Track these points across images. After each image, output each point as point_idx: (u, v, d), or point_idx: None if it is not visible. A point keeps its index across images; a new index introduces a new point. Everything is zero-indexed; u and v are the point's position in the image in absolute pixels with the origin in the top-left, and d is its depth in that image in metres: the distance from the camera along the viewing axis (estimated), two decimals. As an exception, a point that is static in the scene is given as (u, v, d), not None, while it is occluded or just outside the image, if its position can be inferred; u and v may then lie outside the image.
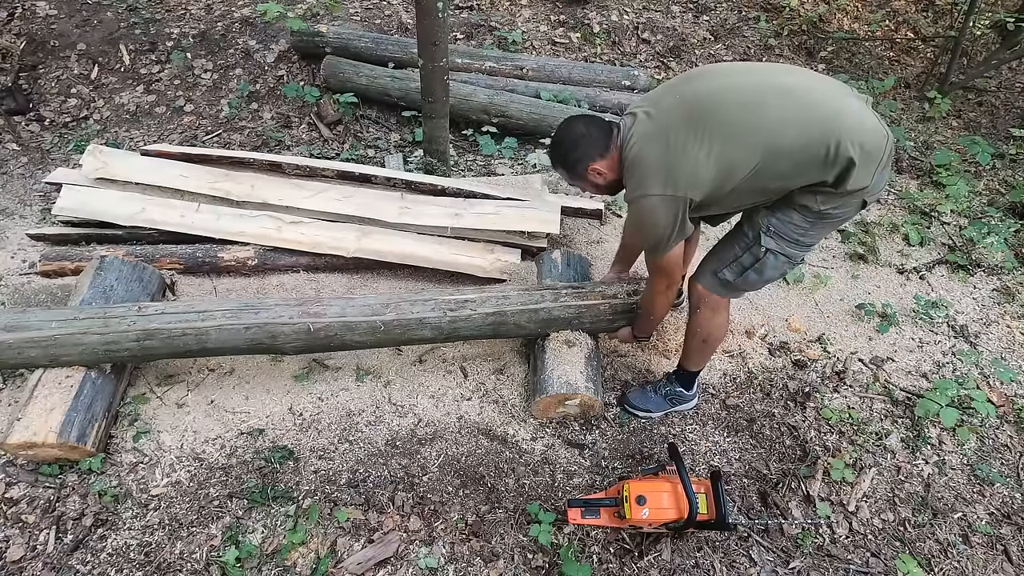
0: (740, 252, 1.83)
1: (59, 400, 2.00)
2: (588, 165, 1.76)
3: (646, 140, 1.65)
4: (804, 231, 1.73)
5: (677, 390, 2.24)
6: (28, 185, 3.12)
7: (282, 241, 2.65)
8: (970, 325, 2.72)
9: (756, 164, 1.59)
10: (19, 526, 1.94)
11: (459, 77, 3.51)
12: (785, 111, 1.57)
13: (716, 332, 2.03)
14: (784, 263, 1.81)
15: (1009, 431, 2.35)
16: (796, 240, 1.75)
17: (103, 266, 2.37)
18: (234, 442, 2.18)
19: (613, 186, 1.83)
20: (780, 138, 1.57)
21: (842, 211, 1.69)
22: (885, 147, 1.60)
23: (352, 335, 2.14)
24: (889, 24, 4.65)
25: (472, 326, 2.19)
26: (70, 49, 3.69)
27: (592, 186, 1.83)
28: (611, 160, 1.75)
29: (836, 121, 1.56)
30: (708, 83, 1.67)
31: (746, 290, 1.97)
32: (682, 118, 1.62)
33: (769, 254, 1.78)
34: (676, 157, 1.61)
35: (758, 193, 1.68)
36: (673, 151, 1.61)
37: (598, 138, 1.74)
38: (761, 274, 1.84)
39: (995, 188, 3.42)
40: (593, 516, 1.91)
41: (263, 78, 3.69)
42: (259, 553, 1.91)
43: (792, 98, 1.59)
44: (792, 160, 1.58)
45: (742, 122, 1.59)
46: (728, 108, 1.60)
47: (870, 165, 1.58)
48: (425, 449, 2.18)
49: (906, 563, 1.95)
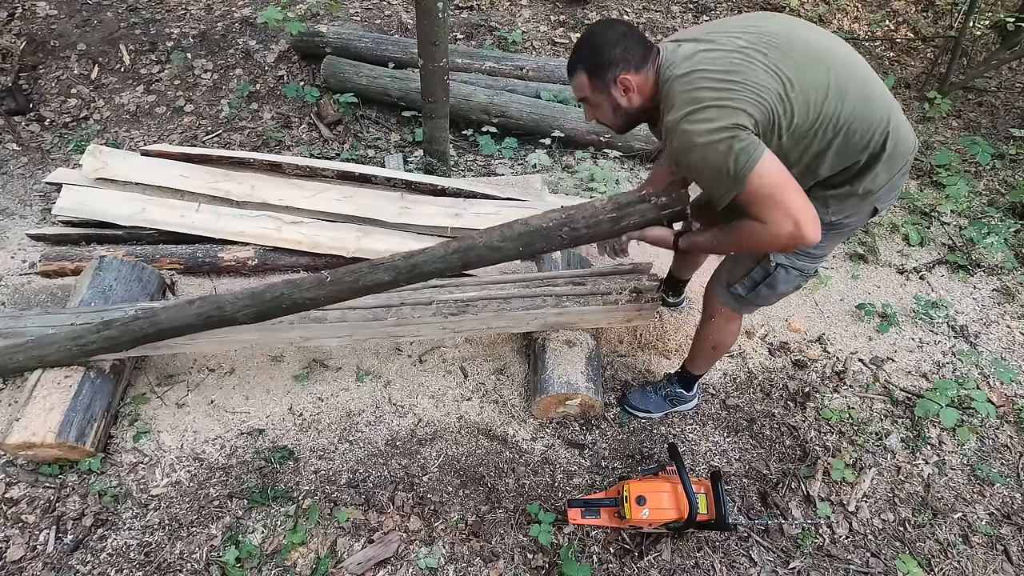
0: (751, 265, 1.74)
1: (58, 400, 2.00)
2: (620, 73, 1.47)
3: (700, 57, 1.40)
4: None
5: (677, 391, 2.24)
6: (28, 185, 3.12)
7: (282, 241, 2.65)
8: (970, 325, 2.71)
9: (810, 128, 1.42)
10: (19, 526, 1.94)
11: (459, 77, 3.51)
12: (851, 83, 1.43)
13: (727, 340, 2.02)
14: (797, 276, 1.73)
15: (1009, 431, 2.35)
16: (807, 252, 1.66)
17: (102, 266, 2.38)
18: (234, 442, 2.18)
19: (633, 116, 1.57)
20: (843, 107, 1.41)
21: (853, 219, 1.61)
22: (911, 152, 1.55)
23: (300, 292, 1.90)
24: (889, 24, 4.65)
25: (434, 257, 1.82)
26: (70, 49, 3.69)
27: (611, 105, 1.54)
28: (644, 79, 1.48)
29: (887, 112, 1.47)
30: (774, 24, 1.46)
31: (760, 305, 1.89)
32: (747, 46, 1.39)
33: (780, 269, 1.70)
34: (736, 69, 1.36)
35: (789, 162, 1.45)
36: (738, 67, 1.36)
37: (639, 47, 1.47)
38: (774, 288, 1.76)
39: (995, 188, 3.42)
40: (593, 516, 1.91)
41: (263, 78, 3.69)
42: (259, 553, 1.91)
43: (857, 73, 1.46)
44: (841, 137, 1.44)
45: (814, 77, 1.39)
46: (799, 56, 1.40)
47: (894, 165, 1.52)
48: (425, 449, 2.18)
49: (906, 563, 1.95)
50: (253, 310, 1.95)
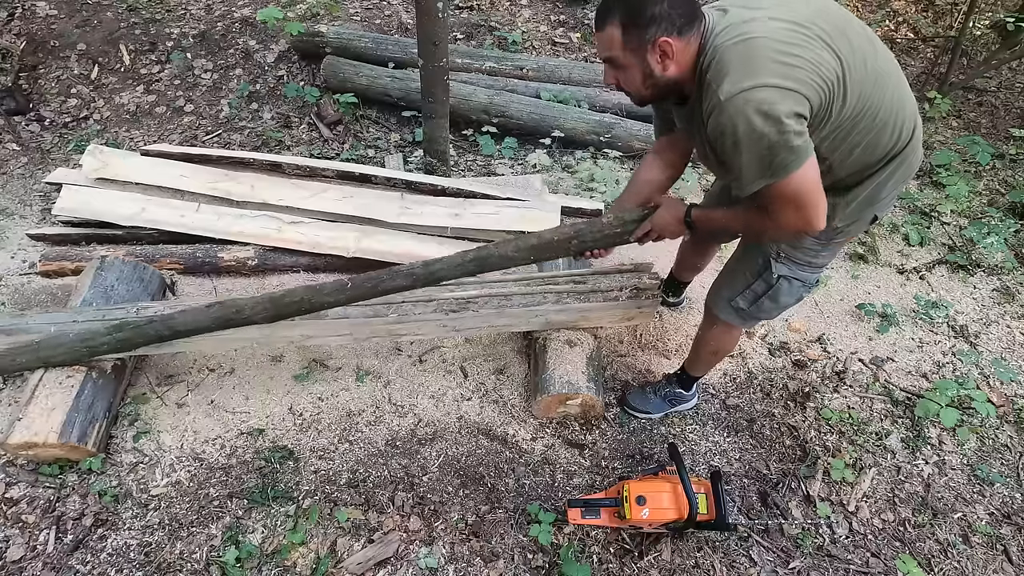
0: (752, 279, 1.71)
1: (60, 400, 2.00)
2: (661, 35, 1.28)
3: (757, 26, 1.25)
4: (816, 253, 1.62)
5: (676, 391, 2.24)
6: (28, 185, 3.12)
7: (282, 241, 2.65)
8: (970, 325, 2.71)
9: (856, 114, 1.34)
10: (19, 526, 1.94)
11: (459, 77, 3.51)
12: (891, 68, 1.39)
13: (728, 346, 2.03)
14: (799, 288, 1.70)
15: (1009, 431, 2.35)
16: (808, 263, 1.64)
17: (103, 266, 2.37)
18: (234, 442, 2.18)
19: (661, 88, 1.39)
20: (880, 100, 1.35)
21: (854, 227, 1.58)
22: (920, 160, 1.53)
23: (320, 296, 1.95)
24: (889, 24, 4.65)
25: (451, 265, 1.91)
26: (70, 49, 3.69)
27: (642, 71, 1.35)
28: (685, 46, 1.30)
29: (912, 114, 1.46)
30: (829, 2, 1.37)
31: (762, 318, 1.85)
32: (804, 19, 1.27)
33: (782, 280, 1.66)
34: (799, 43, 1.24)
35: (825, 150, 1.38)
36: (800, 41, 1.24)
37: (686, 6, 1.29)
38: (776, 301, 1.73)
39: (995, 188, 3.42)
40: (593, 516, 1.91)
41: (263, 78, 3.69)
42: (259, 553, 1.91)
43: (894, 69, 1.42)
44: (875, 130, 1.38)
45: (871, 62, 1.33)
46: (854, 36, 1.32)
47: (906, 173, 1.49)
48: (425, 449, 2.18)
49: (906, 563, 1.95)
50: (271, 313, 1.99)
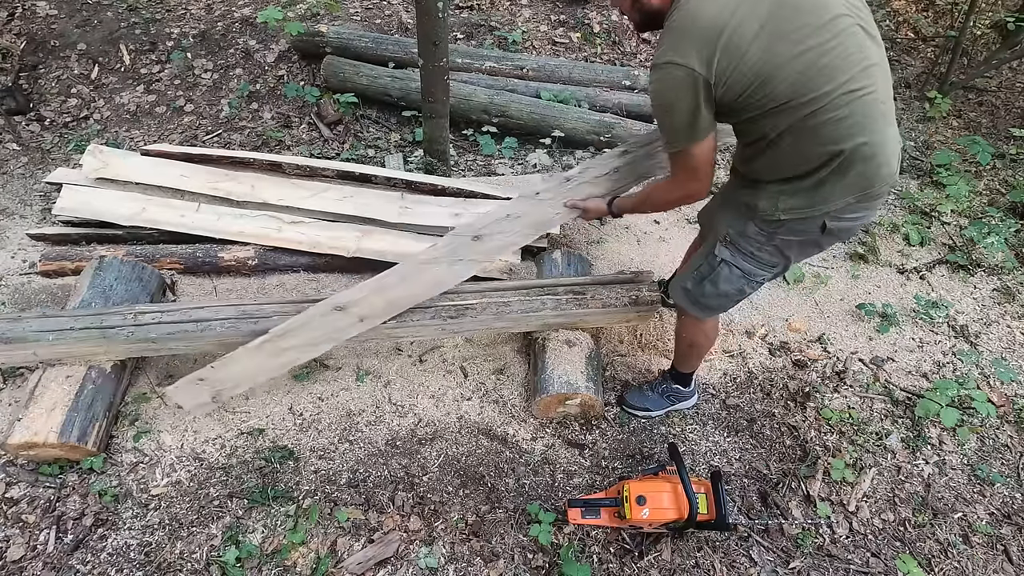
0: (700, 261, 1.80)
1: (60, 400, 2.00)
2: None
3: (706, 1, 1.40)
4: (759, 245, 1.65)
5: (674, 387, 2.24)
6: (28, 185, 3.12)
7: (282, 241, 2.65)
8: (970, 325, 2.71)
9: (784, 102, 1.40)
10: (19, 526, 1.94)
11: (459, 77, 3.51)
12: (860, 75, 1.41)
13: (701, 340, 2.03)
14: (740, 278, 1.73)
15: (1009, 431, 2.35)
16: (751, 254, 1.67)
17: (102, 266, 2.38)
18: (234, 442, 2.18)
19: (647, 15, 1.57)
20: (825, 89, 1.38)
21: (800, 227, 1.58)
22: (886, 187, 1.51)
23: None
24: (889, 24, 4.65)
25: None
26: (70, 49, 3.69)
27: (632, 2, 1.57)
28: None
29: (882, 130, 1.45)
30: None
31: (706, 304, 1.86)
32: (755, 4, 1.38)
33: (723, 265, 1.72)
34: (730, 33, 1.36)
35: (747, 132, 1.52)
36: (731, 25, 1.36)
37: None
38: (716, 286, 1.77)
39: (995, 188, 3.42)
40: (593, 516, 1.91)
41: (263, 78, 3.69)
42: (259, 553, 1.91)
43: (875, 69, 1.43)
44: (811, 126, 1.42)
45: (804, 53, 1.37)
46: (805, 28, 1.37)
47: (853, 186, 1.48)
48: (425, 449, 2.18)
49: (906, 563, 1.95)
50: None
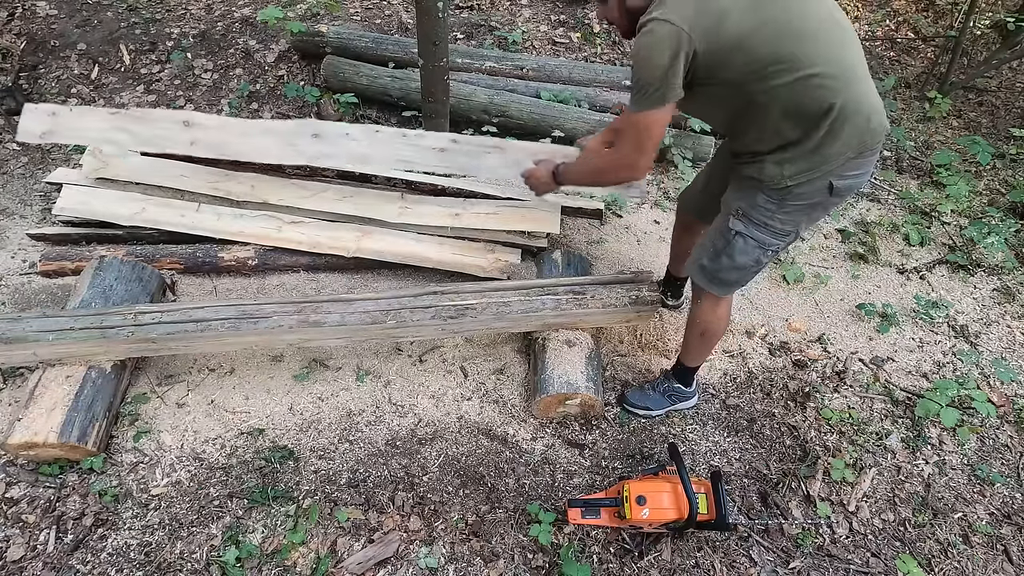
0: (714, 236, 1.82)
1: (60, 400, 2.00)
2: None
3: None
4: (771, 213, 1.67)
5: (675, 386, 2.24)
6: (28, 185, 3.12)
7: (282, 241, 2.65)
8: (970, 325, 2.71)
9: (768, 64, 1.46)
10: (19, 526, 1.94)
11: (459, 77, 3.51)
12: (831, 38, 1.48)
13: (714, 326, 2.01)
14: (755, 248, 1.74)
15: (1009, 431, 2.35)
16: (763, 223, 1.69)
17: (102, 266, 2.38)
18: (234, 442, 2.18)
19: (635, 14, 1.60)
20: (807, 54, 1.45)
21: (807, 190, 1.61)
22: (880, 136, 1.57)
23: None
24: (889, 24, 4.65)
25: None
26: (70, 49, 3.69)
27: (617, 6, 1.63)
28: None
29: (860, 80, 1.51)
30: None
31: (724, 279, 1.86)
32: None
33: (738, 237, 1.74)
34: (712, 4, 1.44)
35: (736, 108, 1.56)
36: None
37: None
38: (732, 259, 1.78)
39: (995, 188, 3.42)
40: (593, 516, 1.91)
41: (263, 78, 3.69)
42: (259, 553, 1.91)
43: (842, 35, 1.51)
44: (796, 84, 1.47)
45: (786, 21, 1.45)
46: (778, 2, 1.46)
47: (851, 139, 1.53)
48: (425, 449, 2.18)
49: (906, 563, 1.95)
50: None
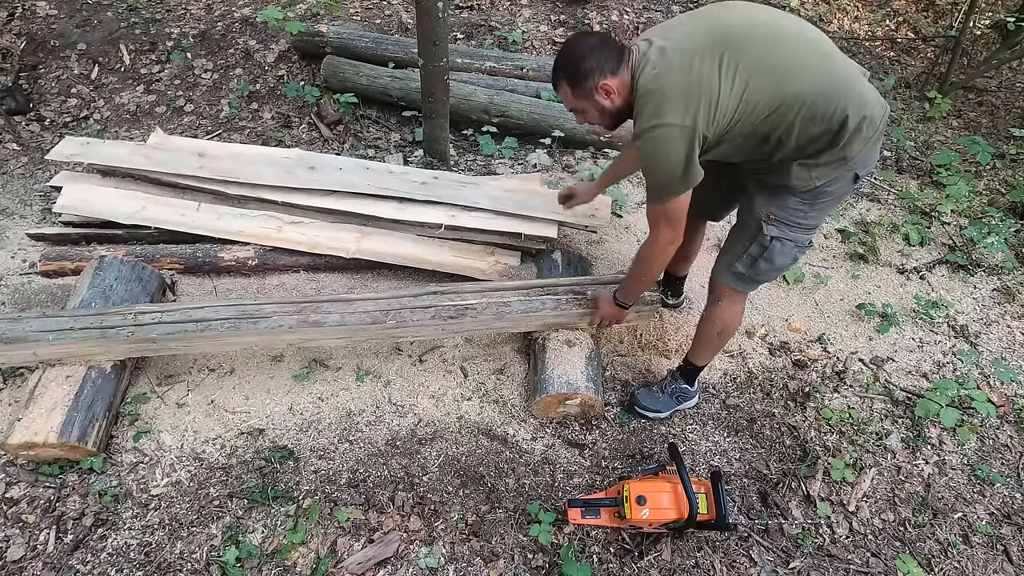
0: (748, 243, 1.82)
1: (60, 400, 2.00)
2: (599, 80, 1.59)
3: (666, 65, 1.52)
4: (804, 213, 1.72)
5: (682, 387, 2.25)
6: (28, 185, 3.12)
7: (282, 241, 2.65)
8: (970, 325, 2.71)
9: (774, 107, 1.54)
10: (19, 526, 1.94)
11: (459, 77, 3.51)
12: (809, 61, 1.55)
13: (731, 323, 2.05)
14: (793, 248, 1.80)
15: (1009, 431, 2.35)
16: (798, 223, 1.74)
17: (102, 266, 2.38)
18: (234, 442, 2.18)
19: (618, 115, 1.68)
20: (800, 86, 1.52)
21: (836, 186, 1.67)
22: (882, 119, 1.61)
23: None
24: (889, 24, 4.65)
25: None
26: (70, 49, 3.69)
27: (597, 109, 1.67)
28: (622, 81, 1.60)
29: (850, 86, 1.55)
30: (734, 17, 1.60)
31: (762, 280, 1.95)
32: (706, 45, 1.52)
33: (775, 242, 1.77)
34: (699, 85, 1.50)
35: (758, 143, 1.61)
36: (696, 78, 1.50)
37: (611, 54, 1.59)
38: (772, 263, 1.82)
39: (995, 188, 3.42)
40: (593, 516, 1.91)
41: (263, 78, 3.70)
42: (259, 553, 1.91)
43: (817, 50, 1.57)
44: (805, 111, 1.54)
45: (771, 60, 1.52)
46: (757, 43, 1.53)
47: (868, 134, 1.58)
48: (425, 449, 2.18)
49: (906, 563, 1.95)
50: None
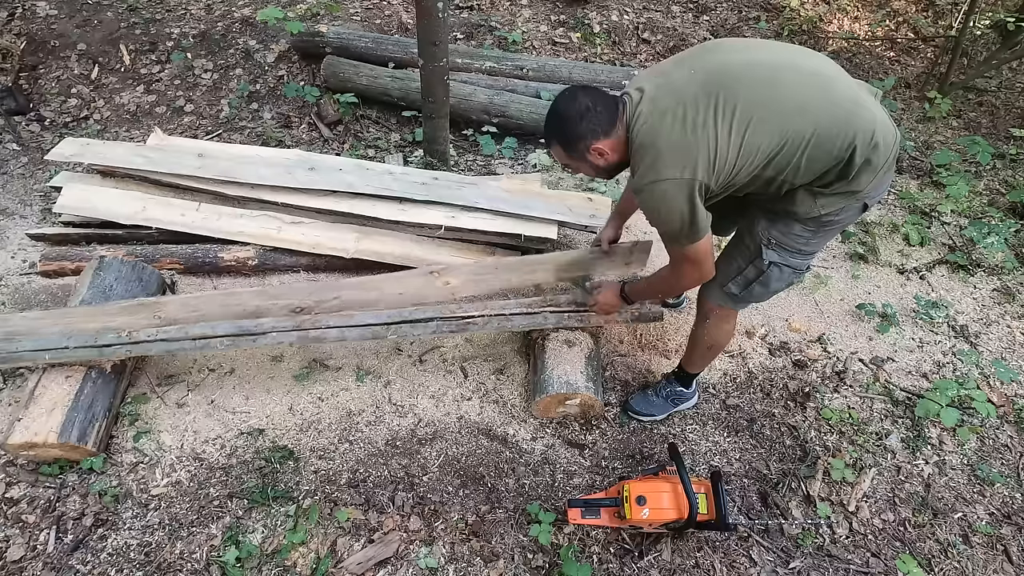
0: (744, 265, 1.77)
1: (60, 400, 2.00)
2: (591, 144, 1.58)
3: (659, 118, 1.48)
4: (806, 240, 1.67)
5: (677, 389, 2.24)
6: (28, 185, 3.12)
7: (282, 241, 2.65)
8: (970, 325, 2.71)
9: (778, 149, 1.49)
10: (19, 526, 1.94)
11: (459, 77, 3.51)
12: (809, 95, 1.48)
13: (722, 340, 2.03)
14: (790, 274, 1.76)
15: (1009, 431, 2.35)
16: (798, 250, 1.69)
17: (102, 266, 2.38)
18: (234, 442, 2.18)
19: (614, 168, 1.67)
20: (803, 123, 1.47)
21: (843, 216, 1.62)
22: (893, 147, 1.54)
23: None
24: (889, 24, 4.65)
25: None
26: (70, 49, 3.69)
27: (591, 167, 1.66)
28: (616, 140, 1.58)
29: (856, 115, 1.49)
30: (727, 57, 1.54)
31: (753, 301, 1.91)
32: (700, 93, 1.47)
33: (773, 267, 1.72)
34: (695, 136, 1.45)
35: (764, 183, 1.57)
36: (692, 129, 1.45)
37: (604, 114, 1.56)
38: (767, 287, 1.79)
39: (995, 188, 3.42)
40: (593, 516, 1.91)
41: (263, 78, 3.70)
42: (259, 553, 1.91)
43: (816, 82, 1.50)
44: (809, 148, 1.48)
45: (768, 101, 1.47)
46: (753, 85, 1.47)
47: (877, 164, 1.52)
48: (425, 449, 2.18)
49: (906, 563, 1.95)
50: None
